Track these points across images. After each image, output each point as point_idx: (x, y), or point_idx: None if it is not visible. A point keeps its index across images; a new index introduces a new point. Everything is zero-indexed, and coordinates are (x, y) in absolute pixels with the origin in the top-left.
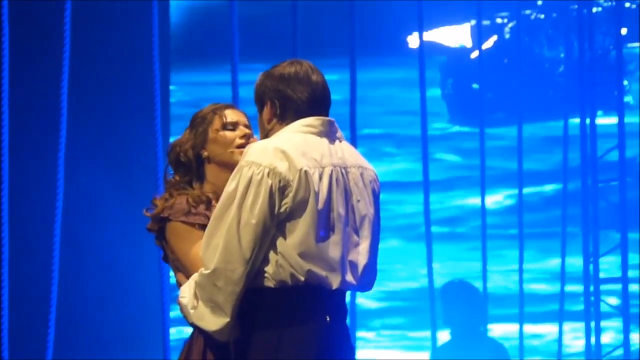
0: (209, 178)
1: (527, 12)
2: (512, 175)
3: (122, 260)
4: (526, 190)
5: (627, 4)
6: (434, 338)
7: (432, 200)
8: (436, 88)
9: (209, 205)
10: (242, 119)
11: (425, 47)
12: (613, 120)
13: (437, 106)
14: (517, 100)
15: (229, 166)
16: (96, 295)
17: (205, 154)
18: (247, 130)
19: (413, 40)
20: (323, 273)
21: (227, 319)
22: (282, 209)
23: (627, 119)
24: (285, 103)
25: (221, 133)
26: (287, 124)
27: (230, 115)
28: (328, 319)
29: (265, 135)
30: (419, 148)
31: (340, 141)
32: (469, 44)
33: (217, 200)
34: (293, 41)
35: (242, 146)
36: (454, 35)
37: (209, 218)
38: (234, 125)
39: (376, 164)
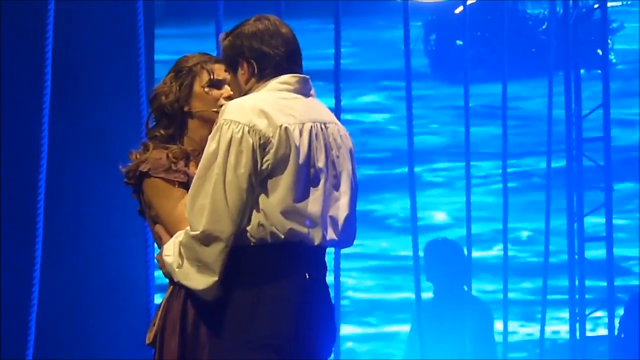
0: (189, 133)
1: None
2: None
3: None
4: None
5: None
6: (418, 298)
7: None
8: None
9: (187, 162)
10: (227, 77)
11: (411, 6)
12: None
13: None
14: (499, 58)
15: (211, 123)
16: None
17: (187, 108)
18: (231, 92)
19: None
20: (305, 230)
21: (215, 278)
22: (264, 167)
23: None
24: (262, 60)
25: (207, 90)
26: (266, 81)
27: (218, 71)
28: (307, 276)
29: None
30: None
31: (314, 98)
32: None
33: (195, 157)
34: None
35: None
36: None
37: (187, 175)
38: (220, 83)
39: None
